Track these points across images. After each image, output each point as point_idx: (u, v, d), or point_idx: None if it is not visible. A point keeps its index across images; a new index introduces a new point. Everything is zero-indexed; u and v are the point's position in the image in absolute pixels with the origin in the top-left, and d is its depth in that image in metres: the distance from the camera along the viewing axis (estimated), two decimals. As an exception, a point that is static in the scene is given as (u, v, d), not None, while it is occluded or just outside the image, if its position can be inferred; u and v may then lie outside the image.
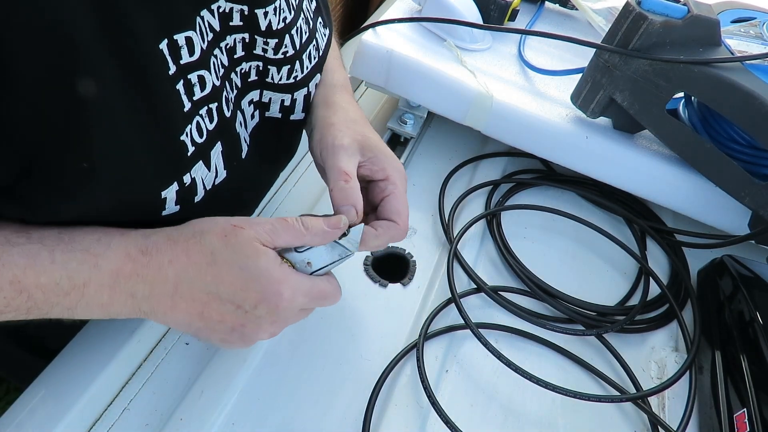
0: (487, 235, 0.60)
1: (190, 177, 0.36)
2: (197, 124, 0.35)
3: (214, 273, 0.34)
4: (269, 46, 0.41)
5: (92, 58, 0.27)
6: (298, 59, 0.43)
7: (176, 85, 0.32)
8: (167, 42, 0.31)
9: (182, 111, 0.33)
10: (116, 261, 0.33)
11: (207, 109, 0.36)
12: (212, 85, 0.35)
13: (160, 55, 0.31)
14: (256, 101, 0.44)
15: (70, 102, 0.27)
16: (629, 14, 0.52)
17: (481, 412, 0.46)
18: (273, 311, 0.35)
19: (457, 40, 0.66)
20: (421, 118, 0.66)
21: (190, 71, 0.33)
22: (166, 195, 0.35)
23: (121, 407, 0.41)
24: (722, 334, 0.50)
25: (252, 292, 0.34)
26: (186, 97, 0.33)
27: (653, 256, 0.62)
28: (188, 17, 0.33)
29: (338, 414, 0.43)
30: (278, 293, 0.35)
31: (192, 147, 0.35)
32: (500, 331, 0.51)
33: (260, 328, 0.36)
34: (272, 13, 0.39)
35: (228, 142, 0.39)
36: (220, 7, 0.36)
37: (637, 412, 0.48)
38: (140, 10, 0.29)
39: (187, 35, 0.32)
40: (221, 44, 0.37)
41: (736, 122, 0.51)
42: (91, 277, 0.32)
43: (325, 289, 0.38)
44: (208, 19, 0.35)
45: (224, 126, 0.38)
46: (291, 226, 0.36)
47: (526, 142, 0.62)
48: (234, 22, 0.37)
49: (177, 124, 0.33)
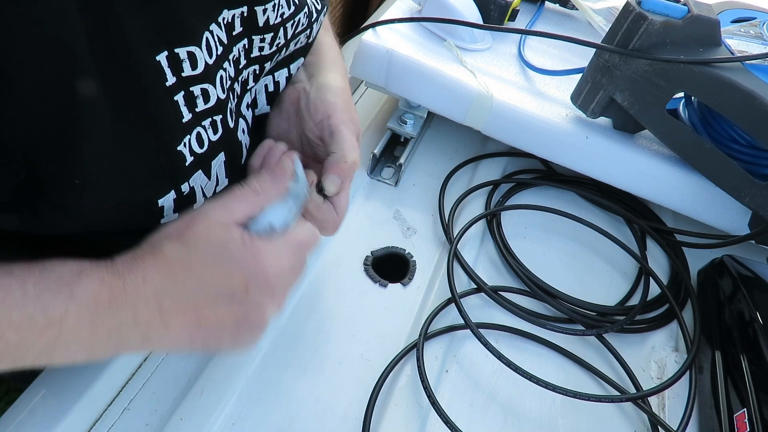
0: (487, 235, 0.60)
1: (189, 186, 0.35)
2: (198, 134, 0.35)
3: (191, 276, 0.32)
4: (265, 42, 0.41)
5: (83, 65, 0.27)
6: (286, 47, 0.44)
7: (174, 96, 0.32)
8: (167, 54, 0.31)
9: (180, 122, 0.33)
10: (92, 288, 0.30)
11: (211, 120, 0.36)
12: (216, 98, 0.35)
13: (155, 66, 0.31)
14: (250, 103, 0.44)
15: (63, 110, 0.27)
16: (629, 14, 0.52)
17: (481, 412, 0.46)
18: (265, 287, 0.33)
19: (457, 40, 0.66)
20: (421, 118, 0.66)
21: (193, 84, 0.33)
22: (163, 203, 0.34)
23: (121, 407, 0.41)
24: (722, 334, 0.50)
25: (236, 278, 0.32)
26: (186, 108, 0.33)
27: (653, 256, 0.62)
28: (194, 32, 0.33)
29: (338, 414, 0.43)
30: (261, 268, 0.32)
31: (191, 157, 0.35)
32: (500, 331, 0.51)
33: (263, 308, 0.34)
34: (271, 10, 0.39)
35: (231, 151, 0.39)
36: (224, 18, 0.36)
37: (637, 412, 0.48)
38: (135, 20, 0.29)
39: (189, 50, 0.32)
40: (229, 57, 0.37)
41: (736, 122, 0.51)
42: (68, 309, 0.29)
43: (301, 237, 0.36)
44: (217, 33, 0.35)
45: (228, 136, 0.38)
46: (242, 194, 0.34)
47: (526, 142, 0.62)
48: (236, 30, 0.37)
49: (173, 134, 0.33)
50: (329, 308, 0.50)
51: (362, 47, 0.63)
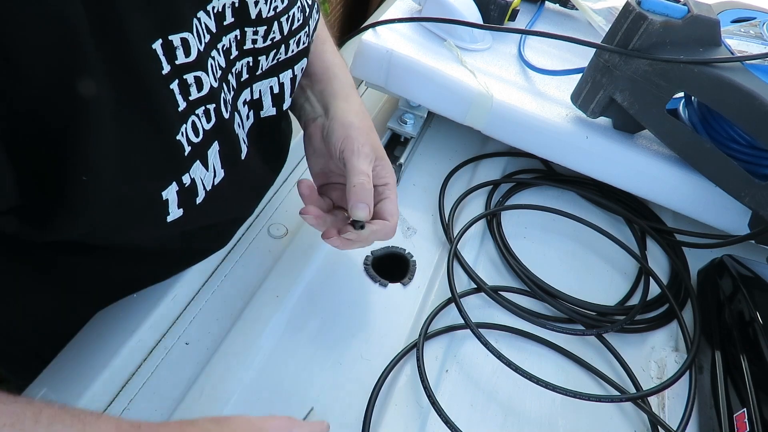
0: (487, 235, 0.60)
1: (190, 177, 0.36)
2: (192, 123, 0.35)
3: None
4: (258, 35, 0.41)
5: (87, 55, 0.27)
6: (284, 43, 0.44)
7: (170, 85, 0.32)
8: (161, 42, 0.31)
9: (177, 110, 0.33)
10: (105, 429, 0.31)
11: (204, 109, 0.36)
12: (210, 87, 0.35)
13: (152, 54, 0.31)
14: (249, 101, 0.44)
15: (69, 100, 0.27)
16: (629, 14, 0.52)
17: (481, 412, 0.46)
18: None
19: (457, 40, 0.66)
20: (421, 118, 0.66)
21: (186, 72, 0.33)
22: (167, 196, 0.35)
23: (121, 407, 0.41)
24: (722, 334, 0.50)
25: None
26: (181, 96, 0.33)
27: (653, 256, 0.62)
28: (185, 19, 0.33)
29: (338, 414, 0.43)
30: None
31: (188, 147, 0.35)
32: (500, 331, 0.51)
33: None
34: (263, 2, 0.39)
35: (226, 142, 0.39)
36: (214, 7, 0.36)
37: (637, 412, 0.48)
38: (135, 9, 0.29)
39: (182, 36, 0.32)
40: (218, 45, 0.37)
41: (736, 122, 0.51)
42: None
43: None
44: (205, 21, 0.35)
45: (222, 127, 0.38)
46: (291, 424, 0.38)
47: (526, 142, 0.62)
48: (227, 20, 0.37)
49: (172, 123, 0.33)
50: (329, 308, 0.50)
51: (362, 47, 0.63)
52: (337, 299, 0.51)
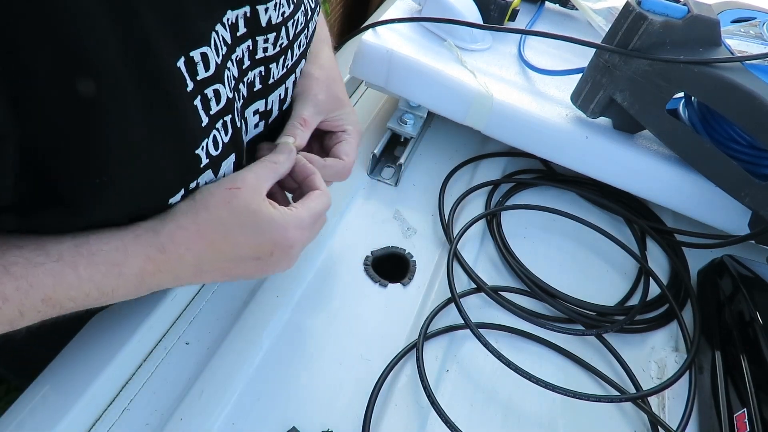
0: (487, 235, 0.60)
1: (196, 183, 0.37)
2: (214, 137, 0.36)
3: (230, 242, 0.37)
4: (269, 42, 0.41)
5: (111, 77, 0.27)
6: (290, 48, 0.44)
7: (194, 101, 0.33)
8: (184, 59, 0.31)
9: (200, 126, 0.34)
10: (138, 265, 0.34)
11: (222, 122, 0.36)
12: (226, 98, 0.36)
13: (178, 73, 0.31)
14: (262, 111, 0.44)
15: (89, 121, 0.28)
16: (629, 14, 0.52)
17: (481, 412, 0.46)
18: (287, 251, 0.40)
19: (457, 40, 0.66)
20: (421, 118, 0.66)
21: (206, 86, 0.34)
22: (173, 201, 0.35)
23: (121, 407, 0.41)
24: (722, 334, 0.50)
25: (266, 244, 0.38)
26: (203, 112, 0.34)
27: (653, 256, 0.62)
28: (204, 34, 0.33)
29: (338, 414, 0.43)
30: (286, 239, 0.39)
31: (206, 159, 0.36)
32: (500, 331, 0.51)
33: (280, 265, 0.41)
34: (272, 9, 0.40)
35: (238, 151, 0.40)
36: (229, 19, 0.36)
37: (637, 412, 0.48)
38: (159, 29, 0.29)
39: (202, 51, 0.33)
40: (232, 56, 0.37)
41: (736, 122, 0.51)
42: (118, 284, 0.34)
43: (319, 209, 0.41)
44: (222, 33, 0.35)
45: (237, 136, 0.39)
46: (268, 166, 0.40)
47: (526, 142, 0.62)
48: (240, 31, 0.38)
49: (195, 139, 0.34)
50: (329, 308, 0.50)
51: (362, 47, 0.63)
52: (336, 299, 0.51)
